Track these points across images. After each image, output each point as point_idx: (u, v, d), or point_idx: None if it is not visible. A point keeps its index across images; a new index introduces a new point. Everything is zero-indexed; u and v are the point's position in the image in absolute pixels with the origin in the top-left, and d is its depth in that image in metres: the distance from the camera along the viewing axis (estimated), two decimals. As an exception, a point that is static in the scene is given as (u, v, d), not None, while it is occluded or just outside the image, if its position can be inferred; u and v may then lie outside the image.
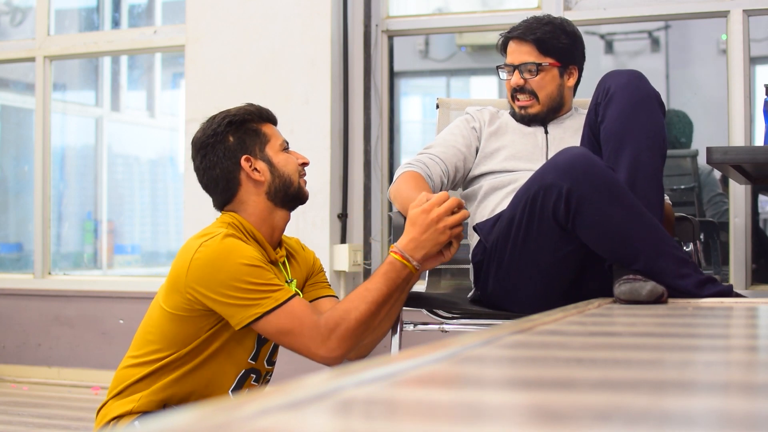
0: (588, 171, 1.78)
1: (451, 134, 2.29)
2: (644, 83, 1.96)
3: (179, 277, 1.66)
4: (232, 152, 1.77)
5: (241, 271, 1.61)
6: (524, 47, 2.23)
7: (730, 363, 0.99)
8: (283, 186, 1.80)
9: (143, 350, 1.74)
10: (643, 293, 1.66)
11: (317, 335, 1.62)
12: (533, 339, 1.13)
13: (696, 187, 3.38)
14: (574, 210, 1.77)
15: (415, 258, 1.69)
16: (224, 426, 0.58)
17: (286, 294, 1.64)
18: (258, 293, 1.62)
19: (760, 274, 3.30)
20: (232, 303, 1.61)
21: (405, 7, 4.44)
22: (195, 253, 1.64)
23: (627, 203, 1.78)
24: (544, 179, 1.82)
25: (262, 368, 1.83)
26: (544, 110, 2.26)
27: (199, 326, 1.70)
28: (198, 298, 1.65)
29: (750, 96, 3.22)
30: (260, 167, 1.78)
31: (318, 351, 1.63)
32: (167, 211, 6.41)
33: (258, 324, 1.62)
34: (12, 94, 5.37)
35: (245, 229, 1.76)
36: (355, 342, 1.66)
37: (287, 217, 1.84)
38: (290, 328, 1.62)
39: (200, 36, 3.68)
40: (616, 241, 1.78)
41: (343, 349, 1.65)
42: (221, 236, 1.65)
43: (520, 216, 1.88)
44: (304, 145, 3.46)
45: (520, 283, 1.95)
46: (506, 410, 0.68)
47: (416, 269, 1.71)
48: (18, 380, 3.98)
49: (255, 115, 1.82)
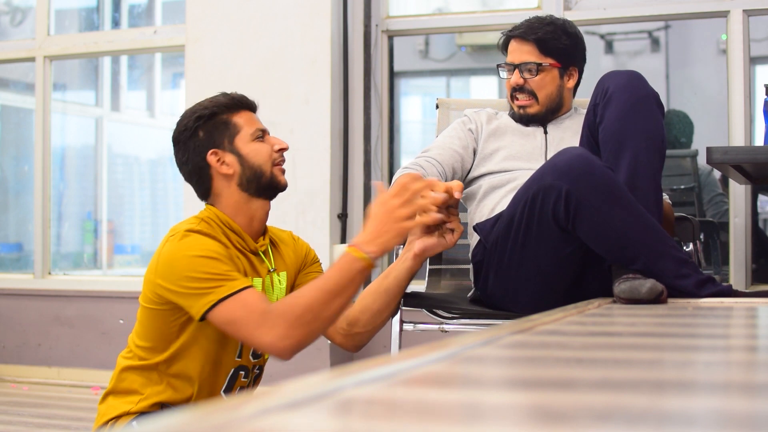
0: (587, 172, 1.78)
1: (448, 137, 2.29)
2: (643, 83, 1.96)
3: (150, 271, 1.72)
4: (201, 148, 1.80)
5: (197, 263, 1.65)
6: (525, 47, 2.23)
7: (730, 363, 0.99)
8: (254, 176, 1.80)
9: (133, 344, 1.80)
10: (643, 291, 1.66)
11: (264, 322, 1.61)
12: (533, 339, 1.13)
13: (696, 187, 3.38)
14: (573, 211, 1.77)
15: (370, 250, 1.65)
16: (224, 426, 0.58)
17: (240, 284, 1.65)
18: (212, 281, 1.64)
19: (760, 274, 3.30)
20: (189, 293, 1.65)
21: (405, 7, 4.44)
22: (162, 248, 1.70)
23: (626, 204, 1.78)
24: (543, 180, 1.82)
25: (248, 363, 1.85)
26: (542, 110, 2.26)
27: (170, 321, 1.74)
28: (162, 293, 1.69)
29: (750, 96, 3.22)
30: (228, 160, 1.79)
31: (264, 339, 1.61)
32: (167, 211, 6.41)
33: (212, 313, 1.64)
34: (12, 94, 5.37)
35: (221, 221, 1.78)
36: (304, 331, 1.63)
37: (266, 206, 1.85)
38: (238, 317, 1.62)
39: (200, 36, 3.68)
40: (615, 242, 1.78)
41: (292, 338, 1.61)
42: (182, 232, 1.70)
43: (519, 216, 1.88)
44: (304, 145, 3.46)
45: (520, 283, 1.95)
46: (506, 410, 0.68)
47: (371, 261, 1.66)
48: (18, 380, 3.98)
49: (224, 106, 1.82)
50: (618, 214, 1.77)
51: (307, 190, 3.45)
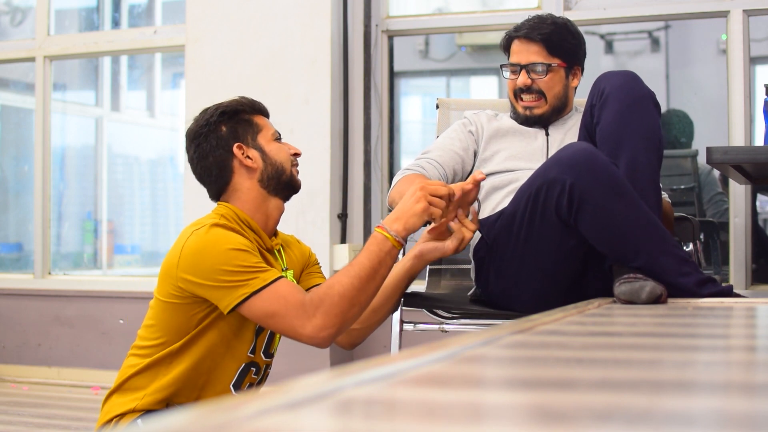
0: (591, 166, 1.78)
1: (448, 138, 2.29)
2: (638, 83, 1.96)
3: (171, 266, 1.70)
4: (225, 141, 1.80)
5: (228, 256, 1.64)
6: (532, 47, 2.22)
7: (730, 363, 0.99)
8: (275, 173, 1.81)
9: (144, 340, 1.78)
10: (643, 295, 1.66)
11: (302, 314, 1.62)
12: (533, 339, 1.13)
13: (696, 187, 3.38)
14: (576, 204, 1.78)
15: (395, 230, 1.67)
16: (224, 426, 0.58)
17: (273, 275, 1.65)
18: (245, 274, 1.64)
19: (760, 274, 3.30)
20: (221, 286, 1.64)
21: (405, 7, 4.44)
22: (185, 242, 1.68)
23: (629, 200, 1.78)
24: (547, 174, 1.83)
25: (261, 361, 1.84)
26: (549, 110, 2.25)
27: (191, 314, 1.72)
28: (187, 287, 1.68)
29: (750, 96, 3.22)
30: (252, 155, 1.81)
31: (304, 330, 1.62)
32: (167, 211, 6.41)
33: (245, 305, 1.63)
34: (12, 94, 5.37)
35: (240, 219, 1.78)
36: (341, 319, 1.64)
37: (281, 207, 1.86)
38: (276, 309, 1.62)
39: (200, 36, 3.68)
40: (617, 238, 1.78)
41: (331, 328, 1.63)
42: (208, 226, 1.69)
43: (522, 210, 1.88)
44: (304, 145, 3.45)
45: (522, 279, 1.95)
46: (506, 410, 0.68)
47: (398, 242, 1.68)
48: (18, 380, 3.98)
49: (247, 106, 1.86)
50: (621, 209, 1.77)
51: (307, 190, 3.43)
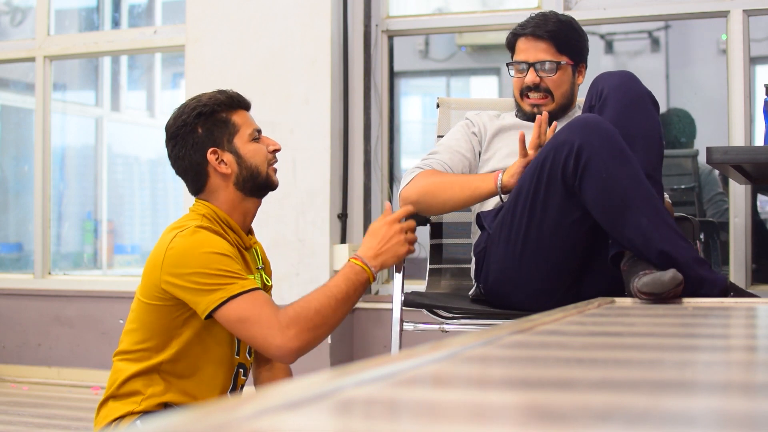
0: (600, 130, 1.81)
1: (454, 140, 2.28)
2: (636, 83, 1.96)
3: (154, 268, 1.71)
4: (200, 145, 1.80)
5: (210, 259, 1.65)
6: (540, 44, 2.21)
7: (730, 363, 0.99)
8: (250, 176, 1.82)
9: (130, 345, 1.78)
10: (666, 280, 1.62)
11: (276, 323, 1.63)
12: (533, 339, 1.13)
13: (696, 187, 3.38)
14: (583, 165, 1.78)
15: (374, 266, 1.78)
16: (224, 426, 0.58)
17: (251, 284, 1.67)
18: (224, 278, 1.65)
19: (760, 274, 3.30)
20: (199, 289, 1.65)
21: (405, 7, 4.44)
22: (169, 244, 1.69)
23: (632, 168, 1.80)
24: (556, 139, 1.85)
25: (247, 361, 1.85)
26: (556, 108, 2.25)
27: (173, 316, 1.73)
28: (169, 288, 1.69)
29: (750, 96, 3.22)
30: (227, 159, 1.81)
31: (274, 340, 1.63)
32: (167, 211, 6.40)
33: (221, 310, 1.64)
34: (12, 94, 5.37)
35: (219, 217, 1.80)
36: (313, 335, 1.66)
37: (258, 204, 1.89)
38: (249, 315, 1.64)
39: (200, 36, 3.67)
40: (619, 203, 1.78)
41: (301, 341, 1.64)
42: (192, 228, 1.70)
43: (529, 180, 1.89)
44: (304, 145, 3.46)
45: (524, 261, 1.93)
46: (506, 410, 0.68)
47: (373, 277, 1.78)
48: (18, 380, 3.98)
49: (224, 104, 1.83)
50: (624, 174, 1.78)
51: (307, 190, 3.45)
